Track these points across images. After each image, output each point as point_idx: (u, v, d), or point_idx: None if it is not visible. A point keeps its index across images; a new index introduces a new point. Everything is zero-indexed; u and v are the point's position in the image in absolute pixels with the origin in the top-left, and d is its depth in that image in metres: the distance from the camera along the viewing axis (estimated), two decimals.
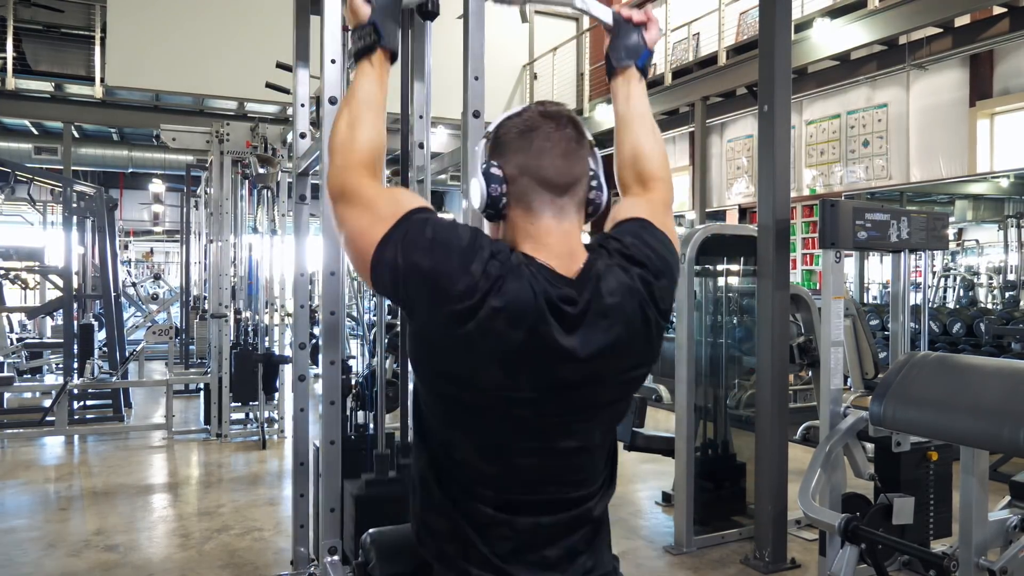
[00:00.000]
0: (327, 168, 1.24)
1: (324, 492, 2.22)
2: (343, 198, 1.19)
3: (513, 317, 1.06)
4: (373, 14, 1.27)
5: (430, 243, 1.09)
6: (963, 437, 2.50)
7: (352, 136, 1.22)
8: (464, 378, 1.11)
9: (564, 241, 1.16)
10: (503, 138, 1.19)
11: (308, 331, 3.05)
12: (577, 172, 1.18)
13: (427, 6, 2.29)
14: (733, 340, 4.60)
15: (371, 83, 1.27)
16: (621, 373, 1.18)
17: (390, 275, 1.11)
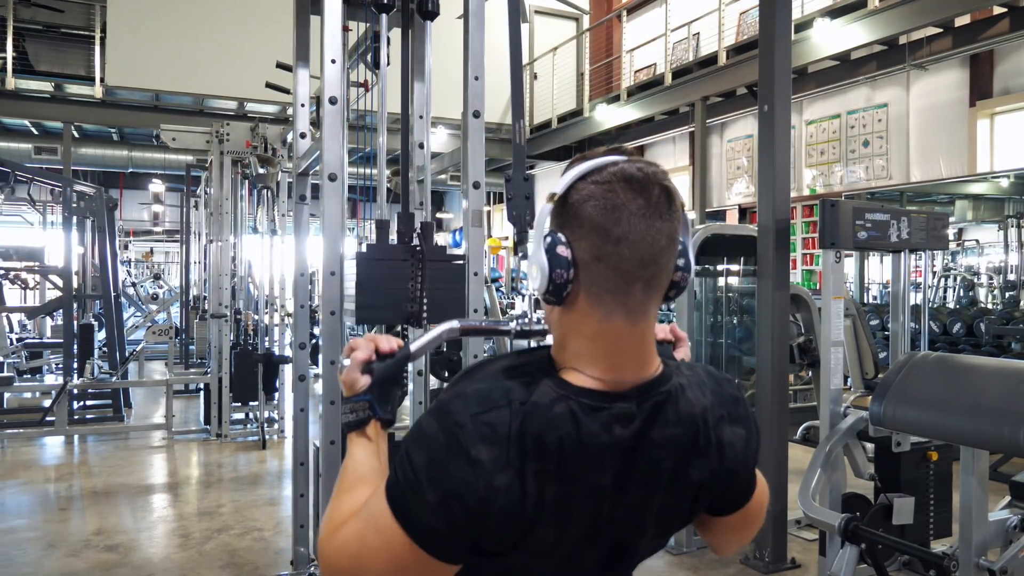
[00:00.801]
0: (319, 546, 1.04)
1: (324, 492, 2.22)
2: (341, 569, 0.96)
3: (556, 471, 0.89)
4: (370, 389, 1.09)
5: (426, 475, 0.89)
6: (963, 437, 2.50)
7: (337, 506, 1.03)
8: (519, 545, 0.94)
9: (634, 348, 0.95)
10: (577, 209, 0.92)
11: (308, 331, 3.05)
12: (665, 258, 0.94)
13: (427, 6, 2.29)
14: (733, 340, 4.61)
15: (364, 454, 1.09)
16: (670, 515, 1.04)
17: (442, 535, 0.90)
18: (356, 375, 1.09)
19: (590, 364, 0.94)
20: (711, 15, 9.66)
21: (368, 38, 2.57)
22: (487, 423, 0.88)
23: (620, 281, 0.91)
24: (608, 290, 0.92)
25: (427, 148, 2.50)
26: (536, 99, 12.64)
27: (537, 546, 0.94)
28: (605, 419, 0.91)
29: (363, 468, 1.07)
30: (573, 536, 0.95)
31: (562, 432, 0.89)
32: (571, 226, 0.93)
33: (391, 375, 1.11)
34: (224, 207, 6.57)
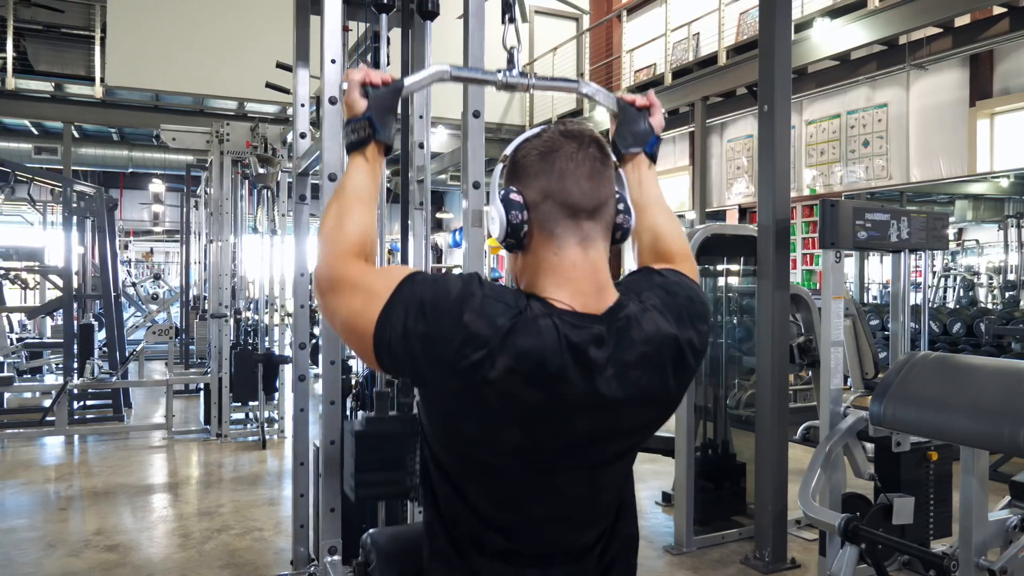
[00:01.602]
0: (317, 260, 1.17)
1: (324, 492, 2.22)
2: (332, 288, 1.12)
3: (529, 376, 0.99)
4: (369, 109, 1.23)
5: (421, 307, 1.02)
6: (963, 437, 2.50)
7: (340, 227, 1.17)
8: (481, 439, 1.05)
9: (591, 275, 1.08)
10: (522, 161, 1.11)
11: (308, 331, 3.05)
12: (604, 194, 1.10)
13: (427, 6, 2.29)
14: (733, 340, 4.60)
15: (363, 176, 1.22)
16: (643, 423, 1.13)
17: (393, 350, 1.04)
18: (355, 96, 1.23)
19: (557, 292, 1.06)
20: (711, 15, 9.66)
21: (368, 38, 2.57)
22: (492, 306, 1.01)
23: (568, 214, 1.07)
24: (559, 223, 1.07)
25: (427, 148, 2.50)
26: (536, 99, 12.64)
27: (508, 452, 1.05)
28: (584, 337, 1.02)
29: (361, 189, 1.21)
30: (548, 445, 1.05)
31: (546, 341, 1.00)
32: (519, 176, 1.10)
33: (387, 102, 1.25)
34: (224, 207, 6.57)
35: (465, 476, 1.11)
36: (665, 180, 11.48)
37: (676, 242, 1.34)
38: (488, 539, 1.12)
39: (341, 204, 1.20)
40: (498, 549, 1.12)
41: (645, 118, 1.39)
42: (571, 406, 1.03)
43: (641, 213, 1.32)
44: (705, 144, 9.92)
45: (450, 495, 1.13)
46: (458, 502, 1.12)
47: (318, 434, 2.33)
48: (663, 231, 1.34)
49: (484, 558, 1.12)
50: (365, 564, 1.48)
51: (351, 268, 1.13)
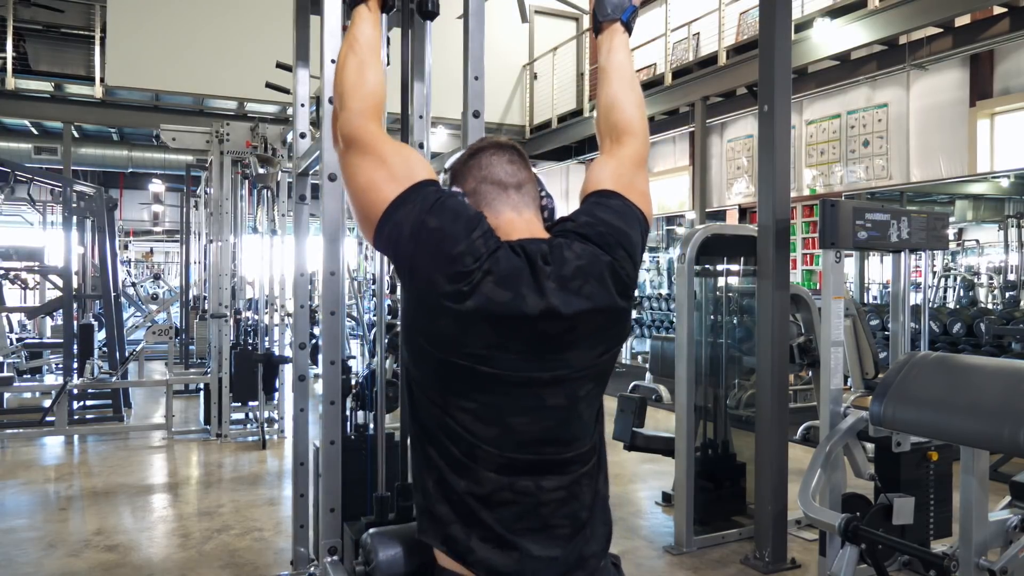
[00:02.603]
0: (338, 111, 1.30)
1: (324, 492, 2.22)
2: (356, 146, 1.27)
3: (501, 280, 1.16)
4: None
5: (440, 207, 1.20)
6: (963, 437, 2.50)
7: (363, 79, 1.30)
8: (455, 338, 1.17)
9: (527, 229, 1.27)
10: (456, 167, 1.32)
11: (308, 331, 3.06)
12: (523, 176, 1.31)
13: (427, 6, 2.29)
14: (733, 340, 4.60)
15: (370, 27, 1.35)
16: (598, 329, 1.25)
17: (396, 233, 1.19)
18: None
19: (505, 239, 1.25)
20: (711, 15, 9.66)
21: None
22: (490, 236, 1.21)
23: (498, 188, 1.28)
24: (495, 197, 1.28)
25: (427, 148, 2.49)
26: (536, 99, 12.64)
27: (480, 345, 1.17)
28: (534, 250, 1.21)
29: (372, 40, 1.35)
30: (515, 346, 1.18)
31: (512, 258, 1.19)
32: (457, 179, 1.32)
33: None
34: (224, 207, 6.57)
35: (446, 390, 1.20)
36: (665, 180, 11.48)
37: (629, 112, 1.44)
38: (480, 452, 1.20)
39: (358, 56, 1.32)
40: (492, 461, 1.19)
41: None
42: (531, 309, 1.17)
43: (603, 79, 1.46)
44: (705, 144, 9.92)
45: (437, 419, 1.22)
46: (447, 424, 1.21)
47: (318, 434, 2.33)
48: (620, 101, 1.44)
49: (479, 471, 1.19)
50: (365, 564, 1.47)
51: (376, 133, 1.28)
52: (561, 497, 1.22)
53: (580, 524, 1.24)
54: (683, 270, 4.04)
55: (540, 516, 1.21)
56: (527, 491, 1.20)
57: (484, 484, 1.19)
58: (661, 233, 15.45)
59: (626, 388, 5.24)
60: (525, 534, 1.19)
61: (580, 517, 1.24)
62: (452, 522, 1.20)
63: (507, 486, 1.20)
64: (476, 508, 1.19)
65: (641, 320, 11.48)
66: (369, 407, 2.65)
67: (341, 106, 1.30)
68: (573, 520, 1.23)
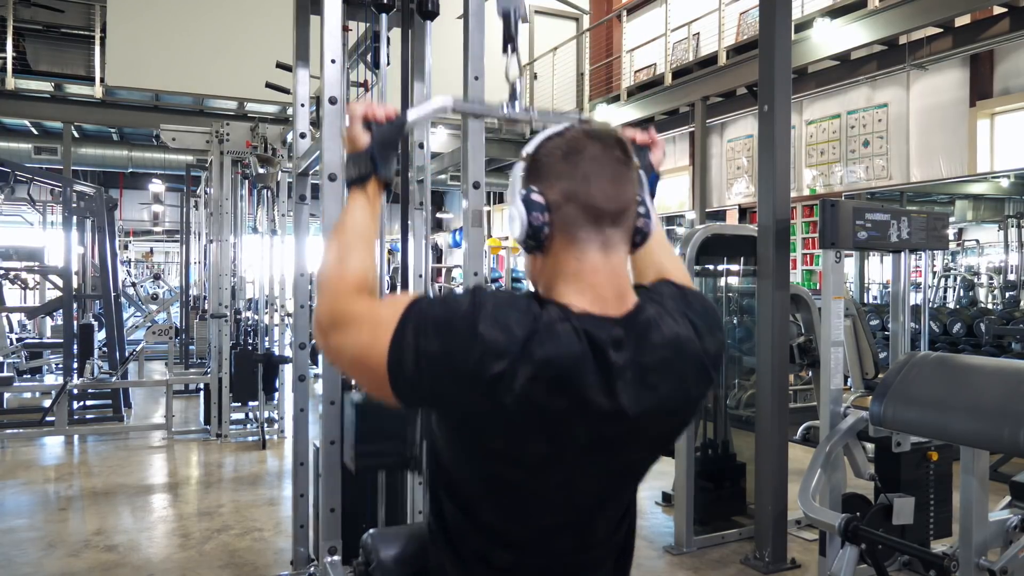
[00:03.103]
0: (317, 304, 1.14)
1: (324, 492, 2.22)
2: (334, 326, 1.08)
3: (553, 383, 0.96)
4: (371, 145, 1.21)
5: (434, 325, 0.98)
6: (963, 437, 2.50)
7: (342, 265, 1.15)
8: (506, 453, 1.02)
9: (612, 280, 1.05)
10: (544, 160, 1.06)
11: (308, 331, 3.05)
12: (627, 198, 1.06)
13: (427, 6, 2.29)
14: (733, 340, 4.60)
15: (363, 213, 1.20)
16: (664, 433, 1.11)
17: (409, 376, 1.00)
18: (358, 130, 1.22)
19: (578, 297, 1.04)
20: (711, 15, 9.66)
21: (368, 38, 2.57)
22: (505, 315, 0.97)
23: (590, 218, 1.04)
24: (581, 227, 1.04)
25: (427, 148, 2.50)
26: (536, 99, 12.63)
27: (534, 465, 1.02)
28: (604, 339, 0.99)
29: (362, 227, 1.19)
30: (571, 458, 1.03)
31: (565, 346, 0.97)
32: (541, 176, 1.06)
33: (389, 138, 1.23)
34: (224, 207, 6.57)
35: (482, 494, 1.08)
36: (665, 180, 11.47)
37: (681, 277, 1.32)
38: (495, 555, 1.10)
39: (342, 242, 1.17)
40: (504, 565, 1.10)
41: (645, 155, 1.36)
42: (595, 412, 1.00)
43: (645, 252, 1.29)
44: (705, 144, 9.92)
45: (459, 515, 1.11)
46: (468, 521, 1.10)
47: (318, 434, 2.33)
48: (668, 269, 1.32)
49: (491, 571, 1.10)
50: (365, 564, 1.47)
51: (353, 303, 1.09)
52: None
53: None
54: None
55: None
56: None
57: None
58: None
59: None
60: None
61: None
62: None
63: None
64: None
65: None
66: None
67: (319, 295, 1.13)
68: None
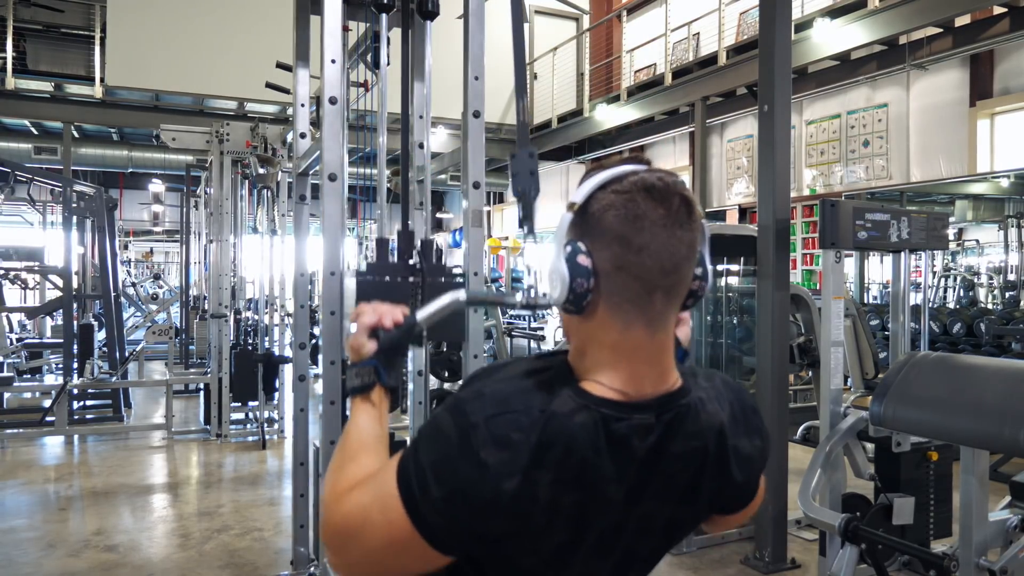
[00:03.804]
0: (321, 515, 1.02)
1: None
2: (339, 534, 0.95)
3: (573, 482, 0.89)
4: (377, 355, 1.10)
5: (433, 472, 0.89)
6: (963, 437, 2.50)
7: (342, 475, 1.03)
8: (540, 563, 0.95)
9: (655, 358, 0.94)
10: (598, 217, 0.92)
11: (308, 331, 3.06)
12: (685, 270, 0.94)
13: (427, 6, 2.29)
14: (733, 340, 4.60)
15: (368, 420, 1.09)
16: (681, 521, 1.04)
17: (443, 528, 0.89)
18: (363, 340, 1.10)
19: (610, 374, 0.93)
20: (711, 15, 9.66)
21: (368, 38, 2.57)
22: (501, 426, 0.87)
23: (641, 290, 0.91)
24: (628, 299, 0.91)
25: (427, 148, 2.50)
26: (536, 99, 12.63)
27: (550, 554, 0.94)
28: (625, 430, 0.90)
29: (366, 435, 1.07)
30: (587, 546, 0.95)
31: (581, 443, 0.88)
32: (592, 235, 0.92)
33: (397, 343, 1.12)
34: (224, 207, 6.57)
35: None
36: None
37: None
38: None
39: (344, 454, 1.07)
40: None
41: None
42: (610, 502, 0.94)
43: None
44: (705, 144, 9.91)
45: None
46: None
47: (318, 434, 2.33)
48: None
49: None
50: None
51: (350, 504, 0.96)
52: None
53: None
54: None
55: None
56: None
57: None
58: None
59: None
60: None
61: None
62: None
63: None
64: None
65: None
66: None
67: (323, 509, 1.01)
68: None
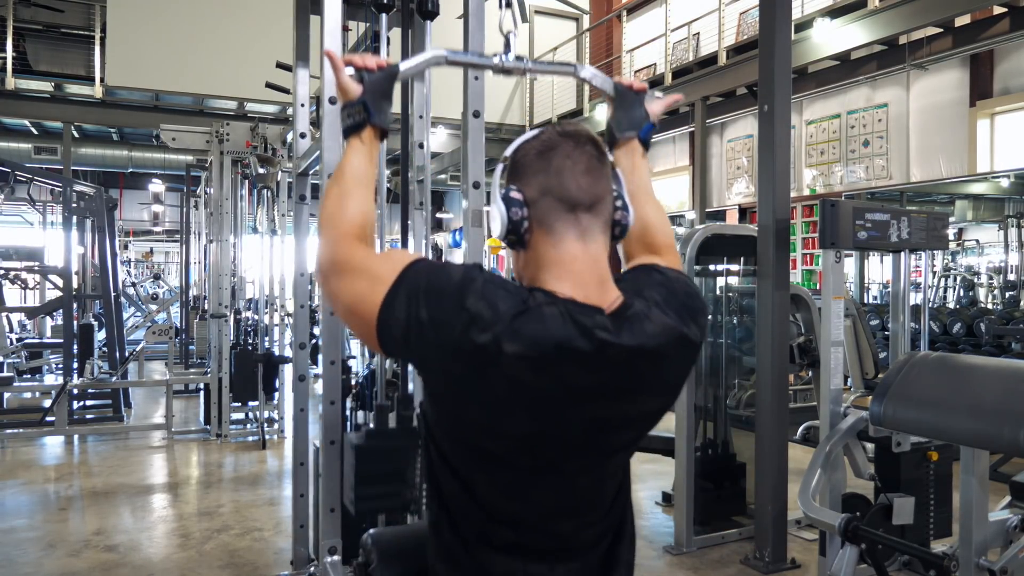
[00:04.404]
0: (318, 247, 1.19)
1: (324, 492, 2.22)
2: (334, 270, 1.14)
3: (538, 362, 1.00)
4: (364, 93, 1.24)
5: (425, 292, 1.04)
6: (963, 437, 2.50)
7: (341, 209, 1.19)
8: (488, 426, 1.06)
9: (592, 268, 1.10)
10: (521, 160, 1.14)
11: (308, 331, 3.05)
12: (601, 189, 1.12)
13: (427, 6, 2.29)
14: (733, 340, 4.60)
15: (361, 159, 1.24)
16: (649, 411, 1.15)
17: (398, 334, 1.05)
18: (347, 80, 1.24)
19: (559, 284, 1.08)
20: (711, 15, 9.66)
21: (368, 38, 2.57)
22: (493, 292, 1.02)
23: (566, 209, 1.09)
24: (558, 219, 1.10)
25: (427, 148, 2.50)
26: (536, 99, 12.64)
27: (517, 435, 1.05)
28: (589, 323, 1.03)
29: (360, 172, 1.23)
30: (556, 433, 1.07)
31: (553, 328, 1.01)
32: (518, 175, 1.13)
33: (381, 86, 1.25)
34: (224, 207, 6.57)
35: (472, 467, 1.11)
36: (665, 180, 11.48)
37: (663, 232, 1.38)
38: (496, 533, 1.12)
39: (341, 187, 1.22)
40: (506, 543, 1.12)
41: (642, 103, 1.41)
42: (579, 393, 1.04)
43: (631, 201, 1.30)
44: (705, 144, 9.91)
45: (457, 491, 1.13)
46: (465, 497, 1.12)
47: (318, 434, 2.33)
48: (651, 221, 1.37)
49: (491, 553, 1.12)
50: (365, 564, 1.47)
51: (354, 251, 1.15)
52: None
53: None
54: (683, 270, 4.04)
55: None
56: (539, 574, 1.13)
57: (495, 567, 1.12)
58: None
59: None
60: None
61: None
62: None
63: (519, 570, 1.12)
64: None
65: None
66: (369, 407, 2.65)
67: (320, 238, 1.19)
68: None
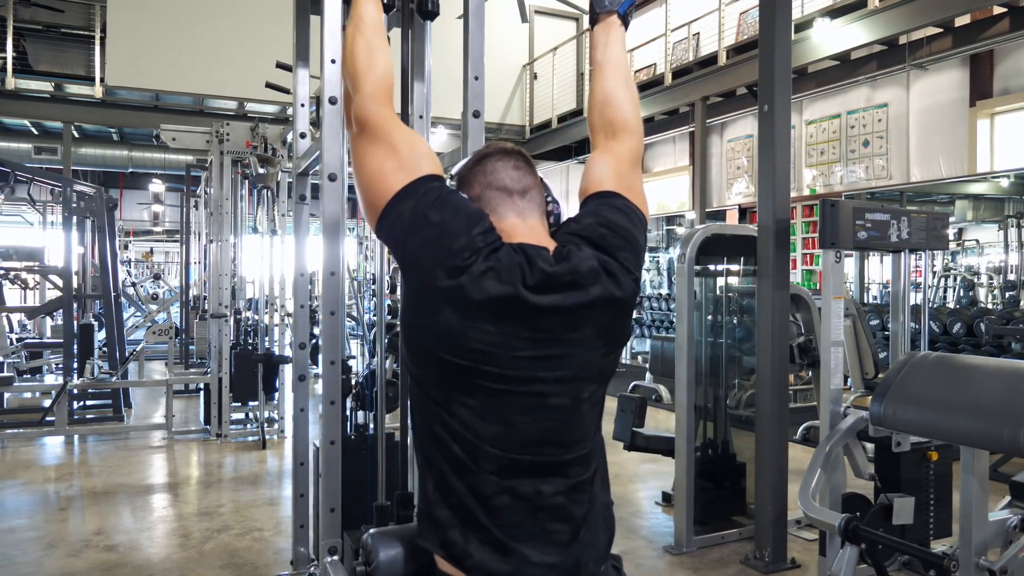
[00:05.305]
0: (351, 93, 1.34)
1: (324, 492, 2.22)
2: (369, 131, 1.30)
3: (502, 275, 1.17)
4: None
5: (442, 202, 1.22)
6: (963, 437, 2.49)
7: (373, 62, 1.33)
8: (454, 335, 1.17)
9: (531, 234, 1.28)
10: (462, 173, 1.35)
11: (308, 331, 3.05)
12: (528, 182, 1.32)
13: (427, 6, 2.29)
14: (733, 340, 4.60)
15: (374, 7, 1.38)
16: (601, 326, 1.26)
17: (398, 224, 1.22)
18: None
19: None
20: (711, 15, 9.66)
21: None
22: (491, 232, 1.22)
23: (503, 194, 1.30)
24: (500, 202, 1.29)
25: None
26: (536, 99, 12.64)
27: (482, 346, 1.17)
28: (536, 258, 1.21)
29: (378, 22, 1.39)
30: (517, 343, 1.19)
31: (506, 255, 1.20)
32: (465, 184, 1.33)
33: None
34: (224, 207, 6.57)
35: (449, 388, 1.21)
36: (665, 180, 11.48)
37: (625, 109, 1.45)
38: (481, 452, 1.20)
39: (367, 38, 1.36)
40: (493, 462, 1.20)
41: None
42: (536, 308, 1.19)
43: (599, 73, 1.46)
44: (705, 144, 9.92)
45: (440, 421, 1.22)
46: (448, 422, 1.21)
47: (318, 434, 2.33)
48: (614, 95, 1.45)
49: (480, 472, 1.19)
50: (365, 564, 1.47)
51: (389, 118, 1.32)
52: (560, 503, 1.22)
53: (578, 530, 1.23)
54: (683, 270, 4.04)
55: (538, 521, 1.21)
56: (526, 495, 1.20)
57: (484, 486, 1.19)
58: (661, 233, 15.45)
59: (626, 388, 5.24)
60: (523, 539, 1.19)
61: (578, 523, 1.24)
62: (451, 526, 1.20)
63: (507, 489, 1.20)
64: (476, 511, 1.19)
65: (641, 320, 11.47)
66: (369, 407, 2.66)
67: (355, 89, 1.33)
68: (572, 526, 1.23)
